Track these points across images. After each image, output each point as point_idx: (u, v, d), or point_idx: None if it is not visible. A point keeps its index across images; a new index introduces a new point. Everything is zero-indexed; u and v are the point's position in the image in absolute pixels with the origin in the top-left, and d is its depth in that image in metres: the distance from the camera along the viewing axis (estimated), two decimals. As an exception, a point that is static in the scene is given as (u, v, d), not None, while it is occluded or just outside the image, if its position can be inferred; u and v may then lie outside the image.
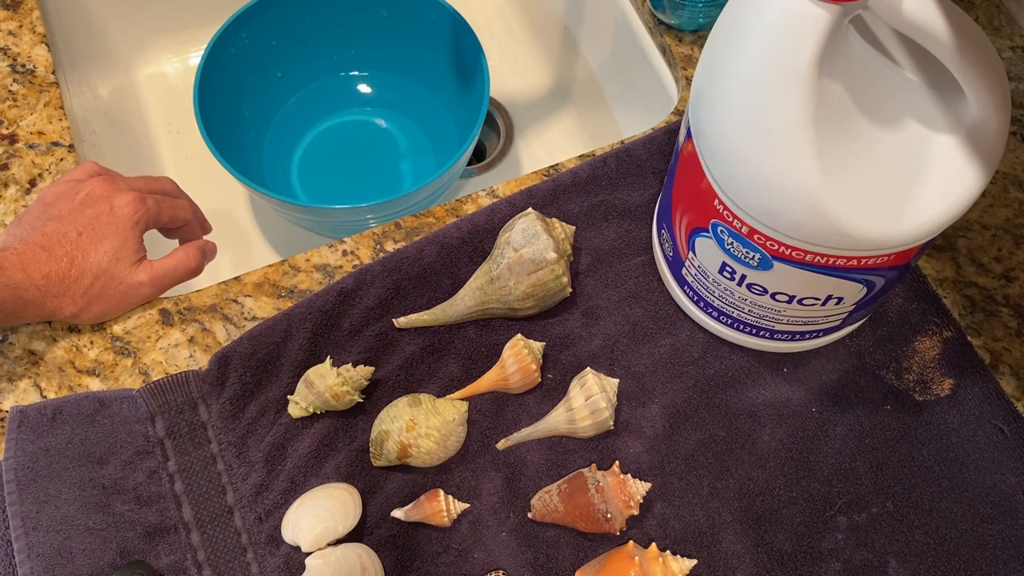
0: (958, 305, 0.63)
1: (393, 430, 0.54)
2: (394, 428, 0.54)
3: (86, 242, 0.56)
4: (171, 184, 0.65)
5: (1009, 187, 0.67)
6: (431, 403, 0.56)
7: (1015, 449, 0.58)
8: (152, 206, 0.59)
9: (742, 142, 0.45)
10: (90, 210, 0.57)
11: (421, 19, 0.84)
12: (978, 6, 0.76)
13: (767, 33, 0.42)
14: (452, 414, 0.56)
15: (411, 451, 0.54)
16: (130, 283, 0.58)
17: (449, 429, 0.55)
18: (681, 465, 0.57)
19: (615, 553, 0.53)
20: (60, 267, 0.55)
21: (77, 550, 0.52)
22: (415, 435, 0.54)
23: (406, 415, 0.55)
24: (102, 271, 0.56)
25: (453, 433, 0.55)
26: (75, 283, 0.55)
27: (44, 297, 0.55)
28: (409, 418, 0.54)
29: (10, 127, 0.67)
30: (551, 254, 0.57)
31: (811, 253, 0.47)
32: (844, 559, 0.55)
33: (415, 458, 0.54)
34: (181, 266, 0.60)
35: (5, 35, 0.72)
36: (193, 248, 0.62)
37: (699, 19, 0.72)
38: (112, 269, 0.57)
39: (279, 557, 0.53)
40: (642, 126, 0.70)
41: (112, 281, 0.57)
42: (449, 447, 0.55)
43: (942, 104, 0.46)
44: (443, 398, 0.57)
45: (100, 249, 0.56)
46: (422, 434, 0.54)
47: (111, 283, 0.57)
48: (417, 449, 0.54)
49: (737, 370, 0.60)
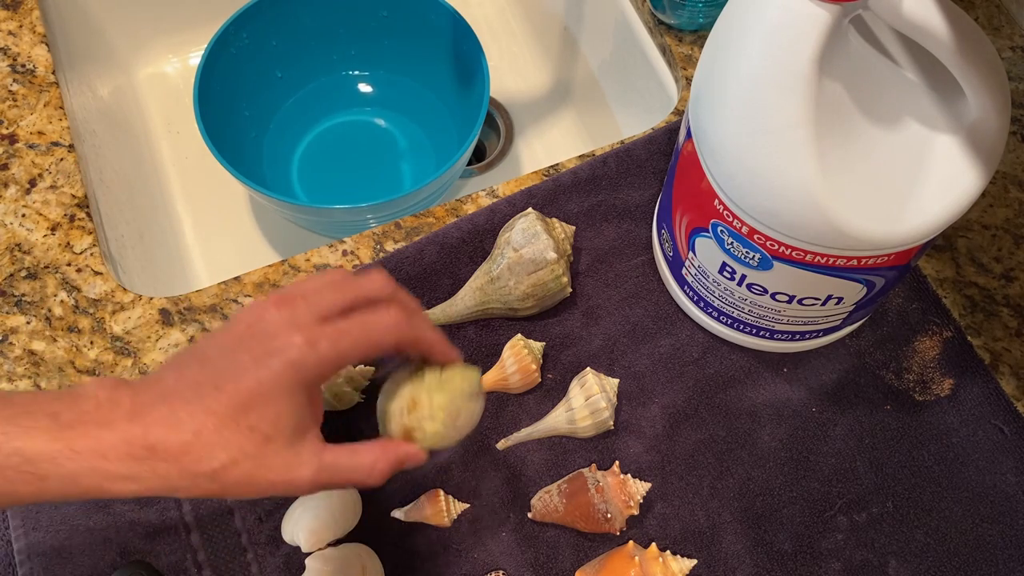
0: (958, 305, 0.63)
1: (393, 410, 0.46)
2: (393, 408, 0.46)
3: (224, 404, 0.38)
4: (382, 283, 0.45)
5: (1009, 187, 0.67)
6: (436, 376, 0.46)
7: (1015, 449, 0.58)
8: (326, 351, 0.40)
9: (742, 142, 0.45)
10: (243, 354, 0.39)
11: (421, 19, 0.84)
12: (978, 6, 0.76)
13: (767, 33, 0.42)
14: (461, 385, 0.46)
15: (416, 435, 0.46)
16: (284, 478, 0.39)
17: (457, 406, 0.46)
18: (681, 465, 0.57)
19: (615, 553, 0.53)
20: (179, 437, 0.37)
21: (77, 550, 0.52)
22: (418, 417, 0.45)
23: (406, 391, 0.46)
24: (244, 454, 0.38)
25: (463, 410, 0.46)
26: (197, 463, 0.37)
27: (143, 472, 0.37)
28: (410, 395, 0.45)
29: (10, 127, 0.67)
30: (551, 254, 0.57)
31: (811, 253, 0.47)
32: (844, 559, 0.55)
33: (422, 442, 0.46)
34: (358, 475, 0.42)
35: (5, 35, 0.72)
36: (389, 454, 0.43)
37: (699, 19, 0.72)
38: (260, 453, 0.39)
39: (279, 557, 0.53)
40: (642, 126, 0.70)
41: (259, 469, 0.39)
42: (460, 426, 0.46)
43: (942, 104, 0.46)
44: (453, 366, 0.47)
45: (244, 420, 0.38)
46: (425, 416, 0.45)
47: (256, 471, 0.39)
48: (422, 433, 0.45)
49: (737, 370, 0.60)
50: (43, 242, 0.63)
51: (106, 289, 0.61)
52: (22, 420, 0.36)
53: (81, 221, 0.64)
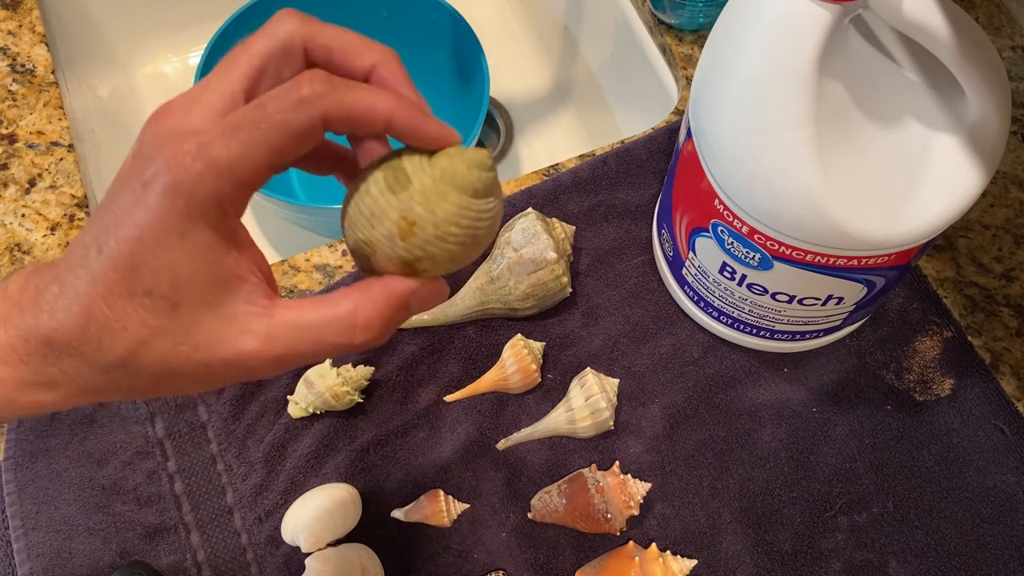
0: (958, 305, 0.63)
1: (378, 239, 0.31)
2: (379, 236, 0.31)
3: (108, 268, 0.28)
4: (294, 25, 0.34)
5: (1009, 187, 0.67)
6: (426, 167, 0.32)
7: (1015, 449, 0.58)
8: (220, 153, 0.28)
9: (742, 142, 0.45)
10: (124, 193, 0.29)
11: (421, 19, 0.84)
12: (978, 6, 0.76)
13: (767, 33, 0.42)
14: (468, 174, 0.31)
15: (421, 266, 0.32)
16: (219, 353, 0.29)
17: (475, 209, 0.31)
18: (681, 465, 0.57)
19: (615, 553, 0.53)
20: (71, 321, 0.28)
21: (77, 550, 0.52)
22: (421, 241, 0.31)
23: (390, 209, 0.31)
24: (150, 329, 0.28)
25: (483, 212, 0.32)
26: (98, 351, 0.29)
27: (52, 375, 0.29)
28: (398, 215, 0.31)
29: (10, 127, 0.67)
30: (551, 254, 0.57)
31: (811, 253, 0.47)
32: (844, 559, 0.55)
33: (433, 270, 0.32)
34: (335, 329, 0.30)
35: (5, 35, 0.72)
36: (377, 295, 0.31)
37: (699, 19, 0.72)
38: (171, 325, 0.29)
39: (279, 557, 0.53)
40: (642, 126, 0.70)
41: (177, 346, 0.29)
42: (482, 238, 0.32)
43: (942, 104, 0.46)
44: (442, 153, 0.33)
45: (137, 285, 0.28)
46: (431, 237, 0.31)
47: (175, 349, 0.29)
48: (432, 262, 0.31)
49: (737, 370, 0.60)
50: (43, 242, 0.63)
51: (106, 289, 0.61)
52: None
53: (81, 221, 0.64)
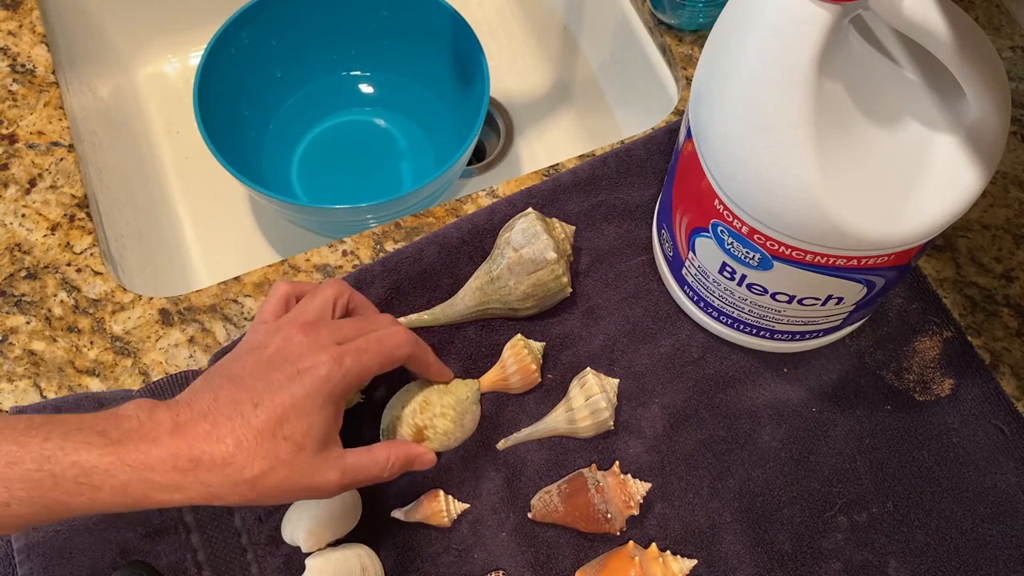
0: (958, 305, 0.63)
1: (406, 414, 0.53)
2: (407, 411, 0.53)
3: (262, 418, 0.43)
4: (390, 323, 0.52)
5: (1009, 187, 0.67)
6: (440, 386, 0.55)
7: (1015, 449, 0.58)
8: (351, 366, 0.46)
9: (742, 142, 0.45)
10: (276, 373, 0.45)
11: (421, 19, 0.84)
12: (978, 6, 0.76)
13: (767, 33, 0.42)
14: (464, 392, 0.55)
15: (427, 433, 0.53)
16: (314, 482, 0.45)
17: (464, 407, 0.54)
18: (681, 465, 0.57)
19: (615, 553, 0.53)
20: (222, 449, 0.42)
21: (77, 550, 0.52)
22: (430, 415, 0.53)
23: (418, 396, 0.54)
24: (280, 461, 0.44)
25: (468, 411, 0.55)
26: (239, 472, 0.42)
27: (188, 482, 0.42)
28: (422, 399, 0.54)
29: (10, 127, 0.67)
30: (551, 254, 0.57)
31: (811, 253, 0.47)
32: (844, 559, 0.55)
33: (432, 440, 0.53)
34: (375, 471, 0.48)
35: (5, 35, 0.72)
36: (400, 450, 0.50)
37: (699, 19, 0.72)
38: (294, 460, 0.44)
39: (279, 557, 0.53)
40: (642, 126, 0.70)
41: (293, 474, 0.44)
42: (466, 426, 0.55)
43: (942, 104, 0.46)
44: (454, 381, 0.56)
45: (280, 432, 0.44)
46: (437, 413, 0.53)
47: (291, 477, 0.44)
48: (434, 430, 0.53)
49: (737, 370, 0.60)
50: (43, 242, 0.63)
51: (106, 289, 0.61)
52: (75, 436, 0.40)
53: (81, 221, 0.64)
